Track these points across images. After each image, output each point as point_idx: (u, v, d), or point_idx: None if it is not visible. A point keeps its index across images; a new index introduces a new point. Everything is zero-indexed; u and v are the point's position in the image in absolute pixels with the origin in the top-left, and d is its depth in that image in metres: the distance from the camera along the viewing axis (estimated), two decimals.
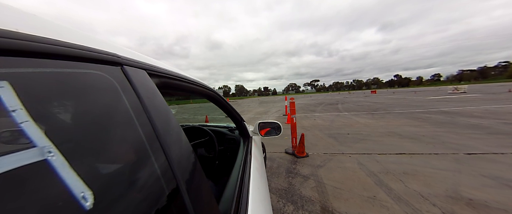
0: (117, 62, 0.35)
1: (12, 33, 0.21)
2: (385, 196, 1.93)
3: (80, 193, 0.21)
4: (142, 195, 0.30)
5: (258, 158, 1.26)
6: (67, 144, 0.23)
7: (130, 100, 0.33)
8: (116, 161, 0.29)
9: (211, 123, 2.08)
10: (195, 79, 0.79)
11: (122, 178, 0.28)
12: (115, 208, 0.25)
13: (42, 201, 0.19)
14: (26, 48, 0.22)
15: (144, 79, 0.41)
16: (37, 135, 0.20)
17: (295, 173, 2.61)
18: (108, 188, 0.26)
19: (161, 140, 0.36)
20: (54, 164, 0.20)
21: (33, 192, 0.19)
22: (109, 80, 0.32)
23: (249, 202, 0.69)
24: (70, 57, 0.27)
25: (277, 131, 1.54)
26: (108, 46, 0.36)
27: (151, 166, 0.32)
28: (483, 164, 2.51)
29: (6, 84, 0.19)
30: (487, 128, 4.32)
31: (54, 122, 0.24)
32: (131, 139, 0.32)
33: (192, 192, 0.38)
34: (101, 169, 0.26)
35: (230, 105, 1.24)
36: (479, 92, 18.83)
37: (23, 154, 0.19)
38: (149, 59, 0.50)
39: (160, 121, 0.38)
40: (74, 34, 0.30)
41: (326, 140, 4.20)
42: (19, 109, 0.19)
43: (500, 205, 1.68)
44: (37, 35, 0.24)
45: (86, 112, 0.27)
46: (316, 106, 13.55)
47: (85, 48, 0.30)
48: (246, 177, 0.87)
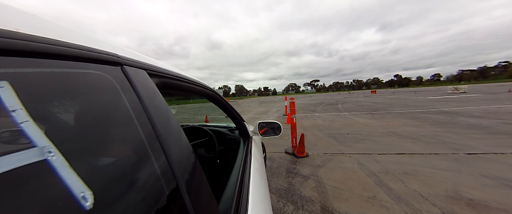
0: (117, 62, 0.35)
1: (12, 33, 0.21)
2: (385, 196, 1.94)
3: (80, 193, 0.21)
4: (142, 195, 0.30)
5: (258, 158, 1.26)
6: (67, 144, 0.23)
7: (130, 100, 0.33)
8: (116, 161, 0.29)
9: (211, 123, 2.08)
10: (195, 79, 0.79)
11: (122, 178, 0.28)
12: (115, 208, 0.25)
13: (42, 201, 0.19)
14: (26, 48, 0.22)
15: (144, 79, 0.41)
16: (37, 135, 0.20)
17: (295, 173, 2.61)
18: (108, 188, 0.26)
19: (161, 140, 0.36)
20: (54, 164, 0.20)
21: (33, 192, 0.19)
22: (109, 80, 0.32)
23: (249, 202, 0.69)
24: (70, 57, 0.27)
25: (277, 131, 1.54)
26: (108, 46, 0.36)
27: (151, 166, 0.32)
28: (483, 164, 2.51)
29: (6, 84, 0.19)
30: (487, 127, 4.33)
31: (54, 122, 0.24)
32: (131, 139, 0.32)
33: (192, 192, 0.38)
34: (101, 169, 0.26)
35: (230, 105, 1.24)
36: (479, 92, 18.84)
37: (23, 154, 0.19)
38: (149, 59, 0.50)
39: (160, 121, 0.38)
40: (74, 34, 0.30)
41: (326, 140, 4.20)
42: (19, 109, 0.19)
43: (500, 205, 1.68)
44: (37, 35, 0.24)
45: (86, 112, 0.27)
46: (316, 106, 13.56)
47: (85, 48, 0.30)
48: (246, 177, 0.87)
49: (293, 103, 3.77)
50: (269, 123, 1.56)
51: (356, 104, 13.03)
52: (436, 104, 9.59)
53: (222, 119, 7.03)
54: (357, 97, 22.90)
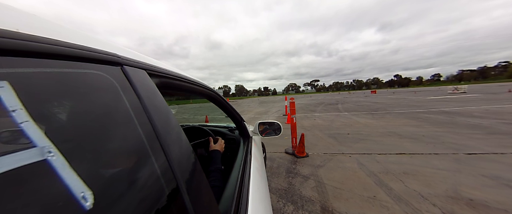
0: (117, 62, 0.35)
1: (12, 33, 0.21)
2: (385, 196, 1.94)
3: (80, 193, 0.21)
4: (142, 195, 0.30)
5: (258, 158, 1.26)
6: (67, 144, 0.23)
7: (130, 100, 0.33)
8: (116, 161, 0.29)
9: (211, 123, 2.08)
10: (195, 79, 0.79)
11: (122, 178, 0.28)
12: (115, 208, 0.25)
13: (42, 201, 0.19)
14: (26, 48, 0.22)
15: (144, 79, 0.41)
16: (37, 135, 0.20)
17: (295, 173, 2.61)
18: (108, 188, 0.26)
19: (161, 140, 0.36)
20: (54, 164, 0.20)
21: (33, 192, 0.19)
22: (109, 80, 0.32)
23: (249, 202, 0.69)
24: (70, 57, 0.27)
25: (277, 131, 1.54)
26: (108, 46, 0.36)
27: (151, 166, 0.32)
28: (484, 164, 2.51)
29: (6, 84, 0.19)
30: (488, 128, 4.33)
31: (54, 122, 0.24)
32: (131, 139, 0.32)
33: (192, 192, 0.38)
34: (101, 169, 0.26)
35: (230, 105, 1.24)
36: (479, 92, 18.83)
37: (23, 154, 0.19)
38: (149, 59, 0.50)
39: (160, 121, 0.38)
40: (74, 34, 0.30)
41: (326, 140, 4.20)
42: (19, 109, 0.19)
43: (500, 205, 1.68)
44: (37, 35, 0.24)
45: (86, 112, 0.27)
46: (316, 106, 13.55)
47: (85, 48, 0.30)
48: (246, 177, 0.87)
49: (293, 103, 3.77)
50: (269, 123, 1.57)
51: (356, 104, 13.01)
52: (436, 105, 9.58)
53: (222, 119, 7.03)
54: (357, 97, 22.90)
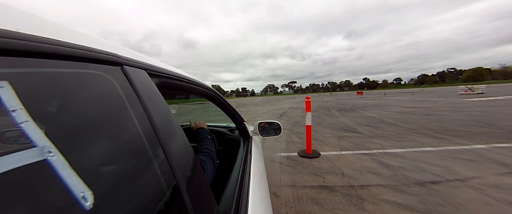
0: (117, 62, 0.35)
1: (12, 33, 0.21)
2: None
3: (80, 193, 0.21)
4: (142, 195, 0.30)
5: (258, 158, 1.26)
6: (67, 144, 0.23)
7: (130, 100, 0.33)
8: (116, 161, 0.29)
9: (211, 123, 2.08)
10: (195, 79, 0.79)
11: (122, 178, 0.28)
12: (115, 208, 0.25)
13: (42, 201, 0.19)
14: (26, 48, 0.22)
15: (144, 79, 0.41)
16: (37, 135, 0.20)
17: None
18: (108, 188, 0.26)
19: (161, 140, 0.36)
20: (54, 164, 0.20)
21: (33, 192, 0.19)
22: (109, 80, 0.32)
23: (249, 202, 0.69)
24: (70, 57, 0.27)
25: (277, 131, 1.54)
26: (108, 46, 0.36)
27: (151, 166, 0.32)
28: None
29: (6, 84, 0.19)
30: None
31: (54, 122, 0.24)
32: (131, 139, 0.32)
33: (192, 192, 0.38)
34: (101, 169, 0.26)
35: (230, 105, 1.24)
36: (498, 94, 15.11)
37: (23, 154, 0.19)
38: (149, 59, 0.50)
39: (160, 121, 0.38)
40: (74, 34, 0.30)
41: None
42: (19, 109, 0.19)
43: None
44: (37, 35, 0.24)
45: (86, 112, 0.27)
46: (350, 121, 6.60)
47: (85, 48, 0.30)
48: (246, 177, 0.87)
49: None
50: (269, 123, 1.57)
51: (400, 113, 7.69)
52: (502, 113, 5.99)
53: (222, 119, 6.86)
54: (359, 100, 20.40)
